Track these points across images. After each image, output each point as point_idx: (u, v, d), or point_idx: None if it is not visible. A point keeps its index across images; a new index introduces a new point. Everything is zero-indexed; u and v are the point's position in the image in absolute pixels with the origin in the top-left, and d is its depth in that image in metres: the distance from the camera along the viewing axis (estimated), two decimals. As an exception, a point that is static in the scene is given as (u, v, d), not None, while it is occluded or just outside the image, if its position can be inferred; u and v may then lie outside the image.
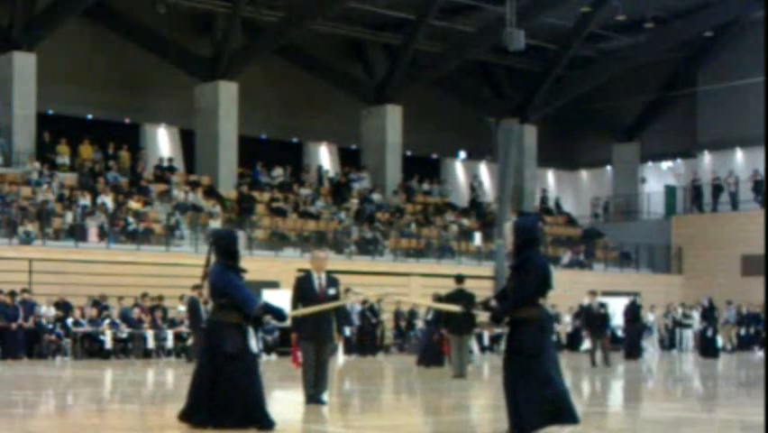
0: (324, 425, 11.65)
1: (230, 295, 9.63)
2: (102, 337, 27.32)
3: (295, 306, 12.80)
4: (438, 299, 22.99)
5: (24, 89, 33.07)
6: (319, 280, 12.92)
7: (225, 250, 9.80)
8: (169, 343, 28.44)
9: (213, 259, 9.86)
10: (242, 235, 10.08)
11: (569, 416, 9.10)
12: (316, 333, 12.81)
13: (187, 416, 9.91)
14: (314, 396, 12.84)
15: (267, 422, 9.65)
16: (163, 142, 39.56)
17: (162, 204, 33.52)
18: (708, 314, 31.68)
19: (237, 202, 35.53)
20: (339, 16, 38.98)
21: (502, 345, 9.45)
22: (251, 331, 9.78)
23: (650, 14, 40.71)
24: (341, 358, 14.64)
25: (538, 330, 9.11)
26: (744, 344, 36.56)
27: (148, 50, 37.35)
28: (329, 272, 13.11)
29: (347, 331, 29.19)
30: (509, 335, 9.16)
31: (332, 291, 12.95)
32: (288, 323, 12.98)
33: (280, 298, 28.41)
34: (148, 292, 28.92)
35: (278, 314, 10.37)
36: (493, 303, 9.42)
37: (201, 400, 9.72)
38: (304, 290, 12.87)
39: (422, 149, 44.68)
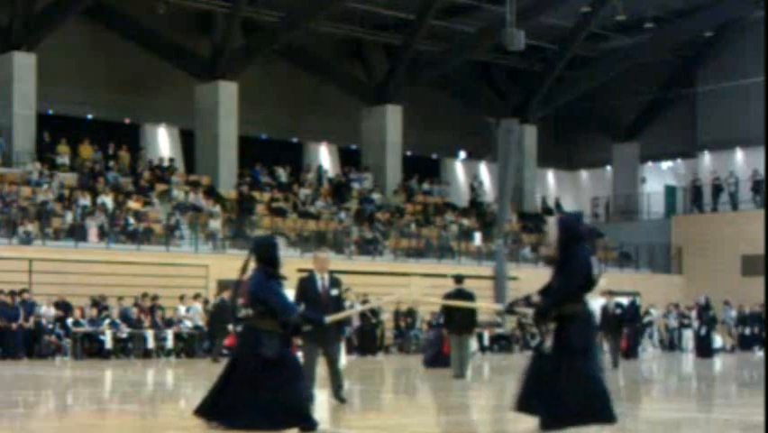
0: (324, 425, 11.64)
1: (269, 303, 9.62)
2: (102, 337, 27.31)
3: (297, 306, 12.81)
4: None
5: (24, 89, 33.07)
6: (322, 280, 12.95)
7: (265, 257, 9.75)
8: (169, 343, 28.43)
9: (252, 266, 9.83)
10: (281, 241, 10.01)
11: (606, 415, 9.07)
12: (322, 334, 12.85)
13: (204, 411, 9.81)
14: (333, 395, 13.06)
15: (310, 423, 9.66)
16: (163, 143, 39.57)
17: (162, 204, 33.51)
18: (704, 313, 31.65)
19: (237, 202, 35.53)
20: (339, 16, 38.98)
21: (548, 342, 9.19)
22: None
23: (650, 14, 40.72)
24: (343, 359, 14.60)
25: (586, 326, 9.13)
26: (745, 344, 36.55)
27: (148, 50, 37.35)
28: (331, 273, 13.14)
29: (347, 331, 29.17)
30: (557, 331, 9.10)
31: (334, 292, 12.98)
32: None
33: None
34: (148, 292, 28.91)
35: (316, 322, 10.37)
36: (536, 298, 9.34)
37: (230, 401, 9.64)
38: (306, 291, 12.90)
39: (422, 149, 44.68)
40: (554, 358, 9.09)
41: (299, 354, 13.00)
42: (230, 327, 27.70)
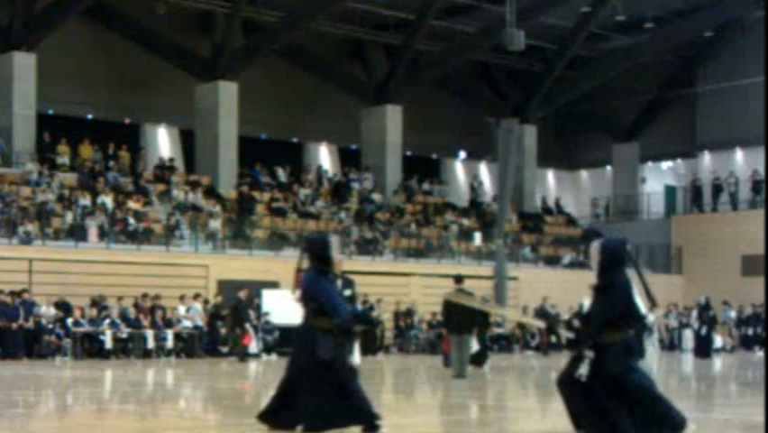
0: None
1: (321, 301, 9.50)
2: (102, 337, 27.30)
3: None
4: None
5: (24, 89, 33.06)
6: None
7: (318, 255, 9.60)
8: (169, 343, 28.43)
9: (305, 263, 9.71)
10: (335, 239, 9.88)
11: (669, 427, 8.88)
12: None
13: (268, 416, 9.72)
14: None
15: (372, 424, 9.54)
16: (163, 143, 39.57)
17: (162, 204, 33.51)
18: (704, 313, 31.63)
19: (237, 202, 35.53)
20: (339, 16, 38.97)
21: (582, 369, 8.97)
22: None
23: (650, 14, 40.72)
24: (357, 358, 14.61)
25: (622, 353, 8.95)
26: (745, 344, 36.55)
27: (148, 50, 37.34)
28: (344, 273, 13.16)
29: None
30: (595, 360, 8.92)
31: (347, 293, 13.01)
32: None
33: (279, 297, 28.50)
34: (148, 292, 28.91)
35: (368, 322, 10.28)
36: (576, 324, 9.19)
37: (289, 403, 9.54)
38: None
39: (422, 149, 44.67)
40: (596, 387, 8.89)
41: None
42: (247, 325, 27.80)
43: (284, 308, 27.98)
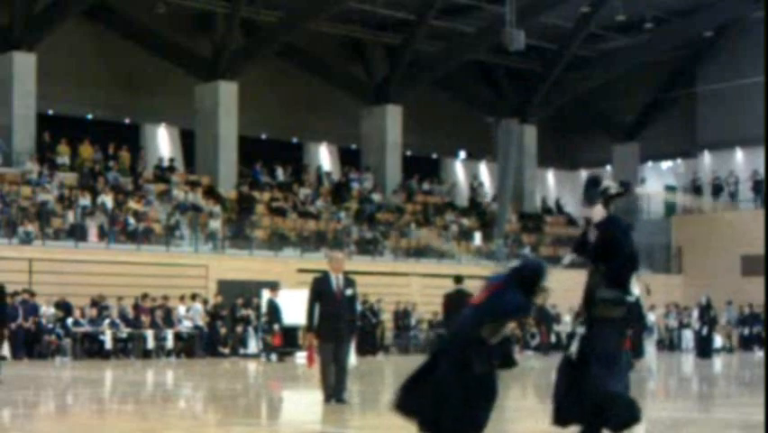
0: (322, 425, 11.65)
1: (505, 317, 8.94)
2: (102, 337, 27.32)
3: (312, 306, 12.91)
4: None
5: (24, 89, 33.06)
6: (337, 280, 13.02)
7: (526, 282, 8.75)
8: (169, 343, 28.44)
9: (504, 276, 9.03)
10: (550, 272, 8.86)
11: (620, 423, 8.50)
12: (335, 333, 12.91)
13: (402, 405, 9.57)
14: (334, 395, 12.97)
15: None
16: (163, 143, 39.57)
17: (162, 204, 33.52)
18: (705, 313, 31.64)
19: (237, 202, 35.54)
20: (339, 16, 38.97)
21: (572, 347, 8.61)
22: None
23: (650, 14, 40.72)
24: (353, 358, 14.65)
25: (620, 333, 8.63)
26: (745, 344, 36.56)
27: (148, 50, 37.34)
28: (346, 273, 13.20)
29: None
30: (588, 334, 8.51)
31: (349, 292, 13.05)
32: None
33: (284, 297, 28.47)
34: (148, 293, 28.90)
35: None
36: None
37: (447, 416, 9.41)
38: (322, 291, 12.98)
39: (422, 149, 44.67)
40: (582, 364, 8.52)
41: (315, 355, 12.99)
42: (276, 326, 27.75)
43: (284, 307, 27.99)
